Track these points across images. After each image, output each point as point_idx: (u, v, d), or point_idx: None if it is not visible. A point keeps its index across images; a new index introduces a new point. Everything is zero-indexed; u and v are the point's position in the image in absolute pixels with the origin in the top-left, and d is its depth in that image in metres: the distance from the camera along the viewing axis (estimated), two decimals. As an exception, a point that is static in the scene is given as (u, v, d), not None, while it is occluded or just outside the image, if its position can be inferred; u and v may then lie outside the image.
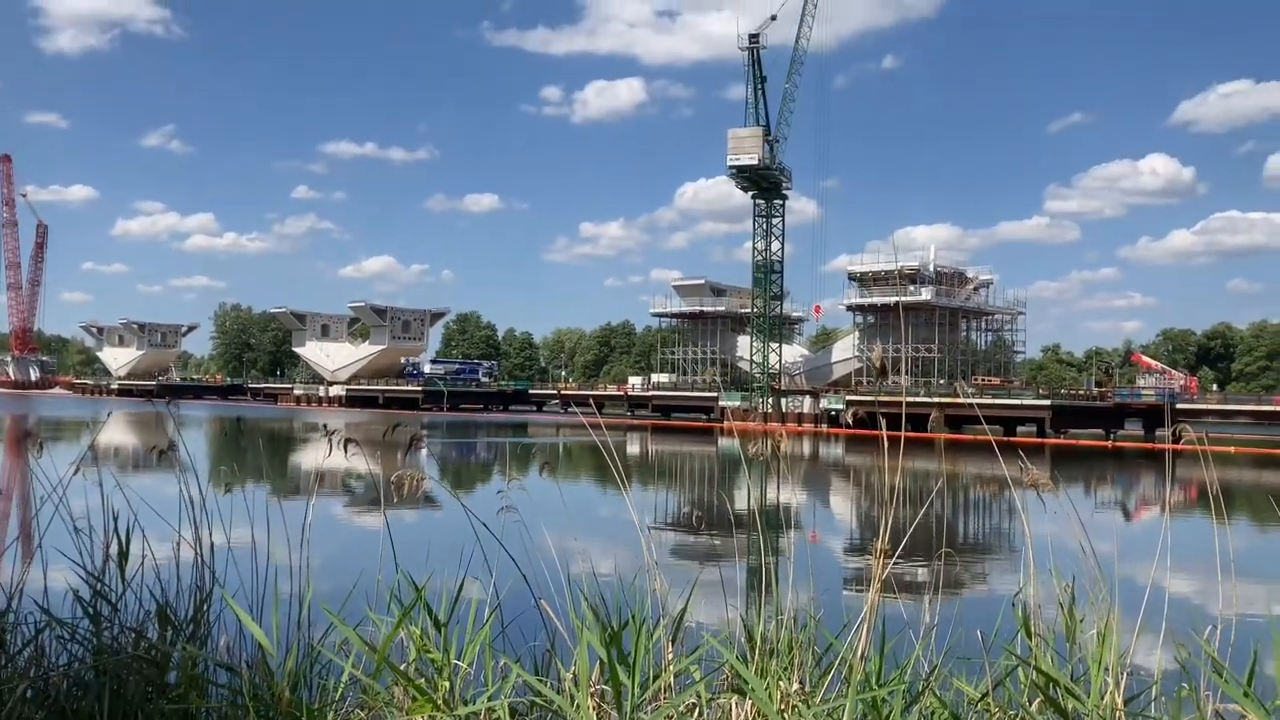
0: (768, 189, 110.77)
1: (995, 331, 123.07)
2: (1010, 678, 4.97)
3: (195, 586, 5.57)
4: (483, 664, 4.47)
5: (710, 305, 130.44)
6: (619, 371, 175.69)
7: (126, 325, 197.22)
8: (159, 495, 6.37)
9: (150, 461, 19.85)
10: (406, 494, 4.81)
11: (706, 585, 6.00)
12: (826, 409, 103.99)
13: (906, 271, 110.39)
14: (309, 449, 58.23)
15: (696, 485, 50.31)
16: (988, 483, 46.64)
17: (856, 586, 19.51)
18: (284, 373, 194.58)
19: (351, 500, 32.80)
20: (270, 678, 4.52)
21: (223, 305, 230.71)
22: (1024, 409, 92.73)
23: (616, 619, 4.97)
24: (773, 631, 5.22)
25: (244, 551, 5.81)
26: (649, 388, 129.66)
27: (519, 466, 51.12)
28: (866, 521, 36.14)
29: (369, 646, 4.08)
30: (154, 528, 5.91)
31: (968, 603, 14.01)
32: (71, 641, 4.99)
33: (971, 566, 24.94)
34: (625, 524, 12.23)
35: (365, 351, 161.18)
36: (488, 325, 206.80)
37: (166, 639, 5.25)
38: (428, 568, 5.53)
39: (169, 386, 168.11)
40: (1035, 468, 5.64)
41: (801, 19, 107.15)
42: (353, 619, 4.84)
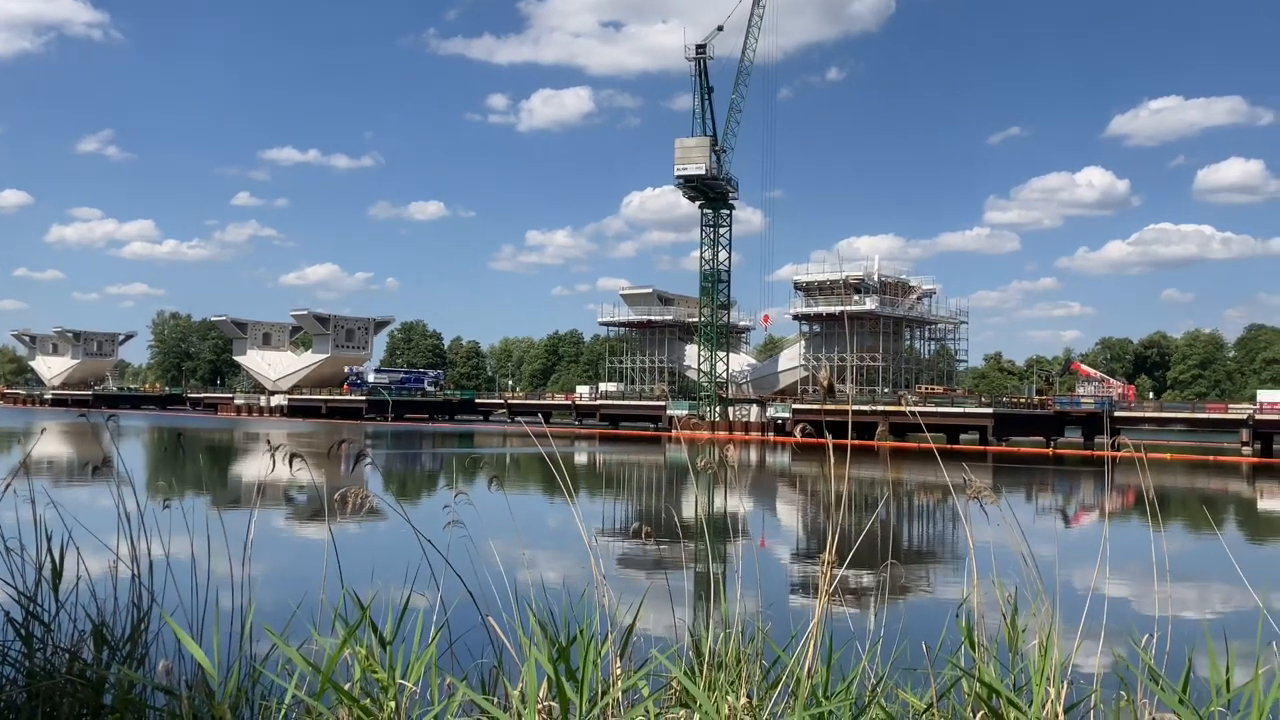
0: (715, 199, 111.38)
1: (938, 340, 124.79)
2: (955, 688, 5.03)
3: (133, 605, 5.44)
4: (429, 683, 4.42)
5: (658, 314, 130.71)
6: (567, 381, 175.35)
7: (61, 334, 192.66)
8: (94, 510, 6.22)
9: (85, 475, 19.32)
10: (350, 510, 4.74)
11: (655, 595, 5.99)
12: (773, 417, 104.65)
13: (851, 281, 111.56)
14: (250, 460, 57.29)
15: (645, 494, 50.31)
16: (931, 490, 47.23)
17: (804, 594, 19.63)
18: (224, 382, 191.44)
19: (294, 513, 32.33)
20: (210, 699, 4.42)
21: (161, 313, 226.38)
22: (967, 417, 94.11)
23: (565, 633, 4.95)
24: (720, 644, 5.23)
25: (183, 567, 5.68)
26: (597, 397, 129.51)
27: (466, 478, 50.73)
28: (813, 529, 36.39)
29: (313, 667, 4.01)
30: (89, 544, 5.76)
31: (913, 612, 14.20)
32: (2, 663, 4.85)
33: (917, 575, 25.22)
34: (573, 536, 12.23)
35: (308, 360, 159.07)
36: (434, 334, 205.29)
37: (102, 660, 5.12)
38: (373, 583, 5.45)
39: (105, 396, 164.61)
40: (978, 477, 5.72)
41: (748, 30, 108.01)
42: (295, 637, 4.76)
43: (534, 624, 4.77)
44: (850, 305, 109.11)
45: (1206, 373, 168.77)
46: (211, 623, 5.16)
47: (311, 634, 4.66)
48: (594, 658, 4.34)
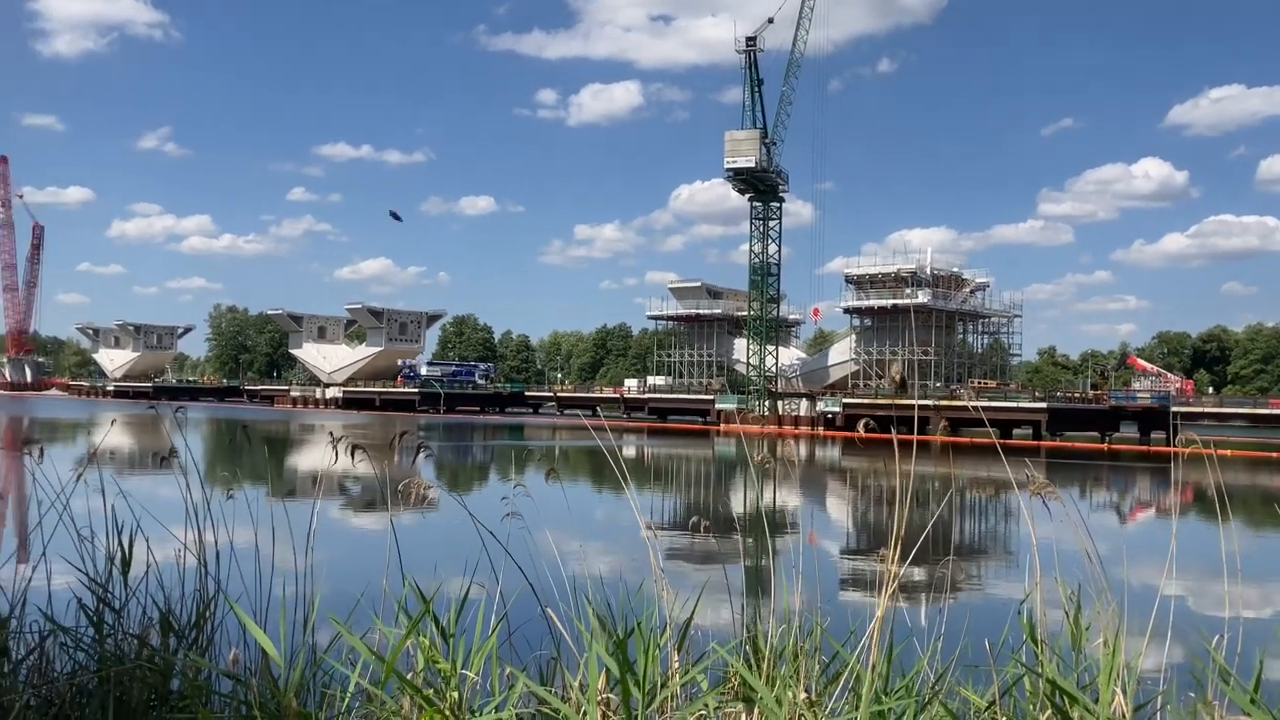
0: (764, 191, 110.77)
1: (991, 334, 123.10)
2: (1017, 686, 4.96)
3: (197, 592, 5.54)
4: (489, 673, 4.44)
5: (707, 308, 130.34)
6: (615, 374, 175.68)
7: (122, 327, 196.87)
8: (160, 499, 6.34)
9: (149, 464, 19.79)
10: (413, 501, 4.78)
11: (709, 588, 5.97)
12: (823, 411, 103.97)
13: (903, 274, 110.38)
14: (308, 452, 58.12)
15: (694, 488, 50.28)
16: (985, 486, 46.67)
17: (854, 589, 19.49)
18: (280, 374, 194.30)
19: (350, 503, 32.74)
20: (274, 686, 4.49)
21: (218, 307, 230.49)
22: (1020, 412, 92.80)
23: (622, 626, 4.95)
24: (778, 639, 5.20)
25: (246, 556, 5.77)
26: (645, 390, 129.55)
27: (518, 470, 51.05)
28: (864, 524, 36.12)
29: (377, 657, 4.06)
30: (156, 533, 5.88)
31: (971, 609, 14.00)
32: (75, 649, 4.96)
33: (973, 571, 24.92)
34: (627, 528, 12.11)
35: (362, 353, 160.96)
36: (484, 327, 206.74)
37: (169, 647, 5.22)
38: (432, 573, 5.50)
39: (165, 388, 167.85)
40: (1038, 473, 5.63)
41: (798, 22, 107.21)
42: (357, 626, 4.82)
43: (592, 616, 4.78)
44: (902, 299, 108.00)
45: (1269, 368, 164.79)
46: (273, 611, 5.24)
47: (375, 623, 4.70)
48: (653, 651, 4.33)
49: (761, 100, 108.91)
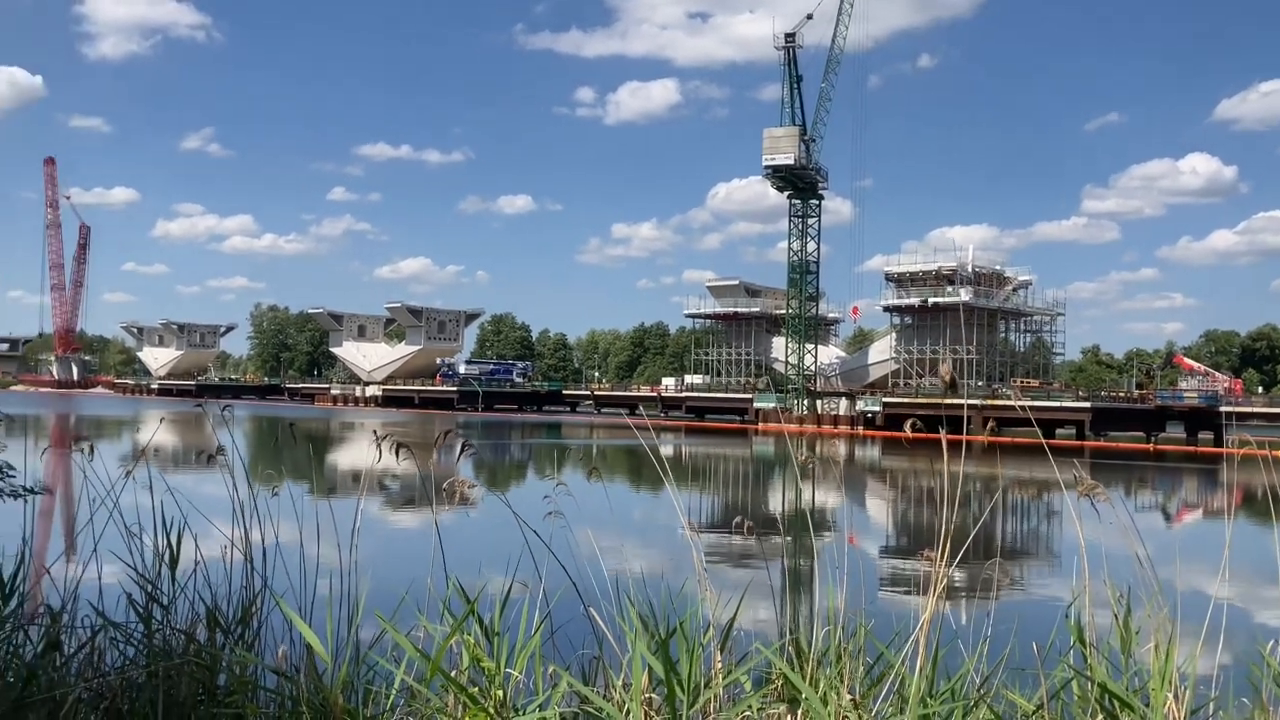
0: (803, 189, 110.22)
1: (1034, 333, 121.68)
2: (1065, 690, 4.88)
3: (243, 588, 5.60)
4: (532, 671, 4.45)
5: (745, 306, 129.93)
6: (653, 373, 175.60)
7: (166, 325, 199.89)
8: (207, 496, 6.42)
9: (196, 461, 20.02)
10: (458, 500, 4.79)
11: (748, 588, 5.94)
12: (863, 411, 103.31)
13: (944, 272, 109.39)
14: (348, 449, 58.69)
15: (733, 487, 50.17)
16: (1027, 486, 46.14)
17: (896, 590, 19.33)
18: (321, 373, 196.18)
19: (392, 501, 32.99)
20: (319, 681, 4.52)
21: (260, 306, 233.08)
22: (1063, 411, 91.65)
23: (664, 625, 4.94)
24: (820, 639, 5.16)
25: (290, 553, 5.83)
26: (683, 389, 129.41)
27: (556, 468, 51.21)
28: (905, 525, 35.87)
29: (422, 655, 4.07)
30: (203, 529, 5.95)
31: (1016, 611, 13.82)
32: (125, 644, 5.03)
33: (1018, 573, 24.65)
34: (667, 527, 11.90)
35: (401, 352, 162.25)
36: (522, 326, 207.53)
37: (216, 642, 5.28)
38: (475, 572, 5.52)
39: (207, 386, 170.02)
40: (1086, 474, 5.54)
41: (838, 18, 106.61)
42: (400, 622, 4.84)
43: (633, 615, 4.77)
44: (943, 296, 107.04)
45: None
46: (315, 606, 5.29)
47: (420, 621, 4.72)
48: (696, 651, 4.32)
49: (800, 97, 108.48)
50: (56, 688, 4.43)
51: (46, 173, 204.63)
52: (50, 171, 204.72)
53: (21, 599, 5.33)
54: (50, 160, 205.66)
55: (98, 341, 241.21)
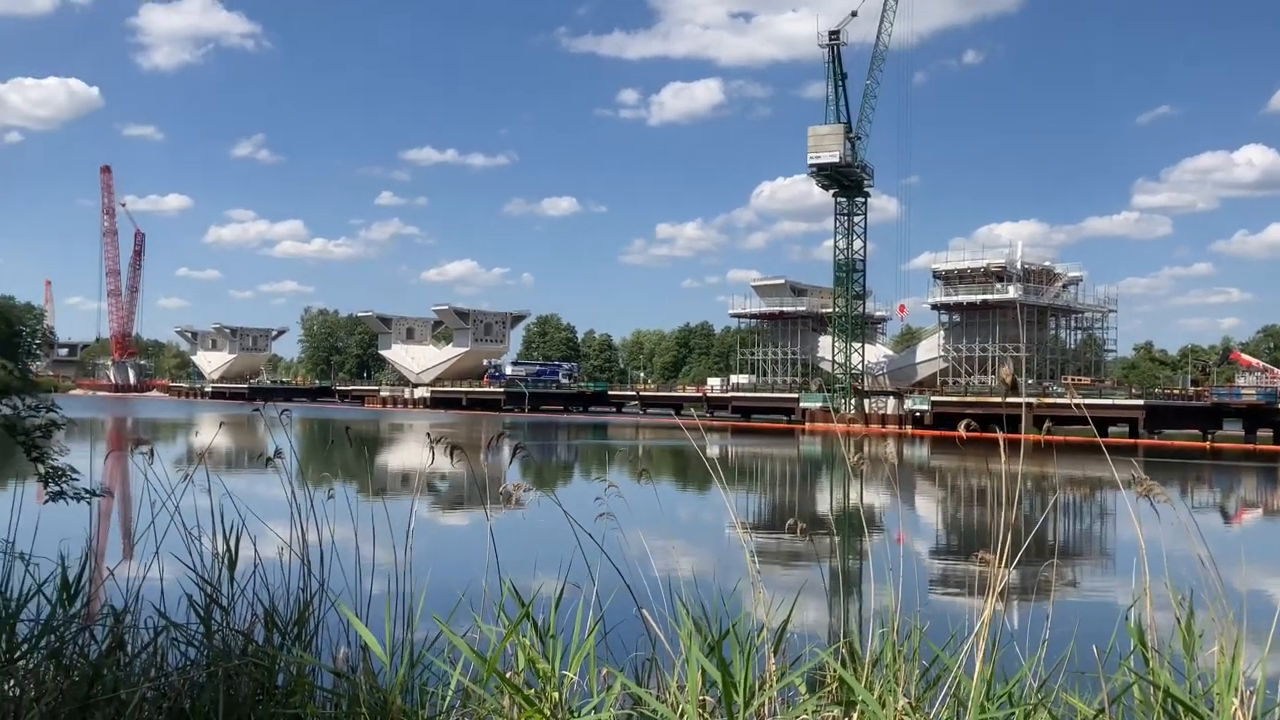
0: (849, 187, 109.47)
1: (1085, 330, 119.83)
2: (1126, 695, 4.79)
3: (300, 590, 5.67)
4: (587, 672, 4.46)
5: (790, 305, 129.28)
6: (698, 373, 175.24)
7: (219, 329, 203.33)
8: (261, 497, 6.51)
9: (251, 463, 20.12)
10: (513, 502, 4.82)
11: (802, 587, 5.90)
12: (911, 410, 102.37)
13: (993, 269, 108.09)
14: (398, 450, 59.27)
15: (781, 487, 49.95)
16: (1080, 485, 45.44)
17: (949, 591, 19.13)
18: (370, 375, 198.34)
19: (442, 501, 33.25)
20: (374, 680, 4.57)
21: (310, 309, 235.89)
22: (1116, 409, 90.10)
23: (716, 627, 4.93)
24: (875, 642, 5.12)
25: (344, 554, 5.89)
26: (728, 389, 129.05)
27: (601, 469, 51.34)
28: (956, 525, 35.48)
29: (479, 657, 4.10)
30: (260, 531, 6.04)
31: (1074, 613, 13.63)
32: (187, 645, 5.12)
33: (1073, 574, 24.28)
34: (716, 527, 11.65)
35: (449, 354, 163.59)
36: (567, 327, 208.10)
37: (273, 642, 5.36)
38: (527, 572, 5.54)
39: (260, 389, 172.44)
40: (1130, 472, 5.44)
41: (882, 15, 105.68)
42: (453, 623, 4.87)
43: (684, 616, 4.76)
44: (992, 294, 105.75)
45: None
46: (369, 607, 5.34)
47: (475, 622, 4.75)
48: (750, 653, 4.30)
49: (845, 95, 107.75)
50: (121, 687, 4.52)
51: (103, 181, 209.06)
52: (107, 180, 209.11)
53: (86, 600, 5.45)
54: (107, 169, 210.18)
55: (153, 346, 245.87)
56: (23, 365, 17.21)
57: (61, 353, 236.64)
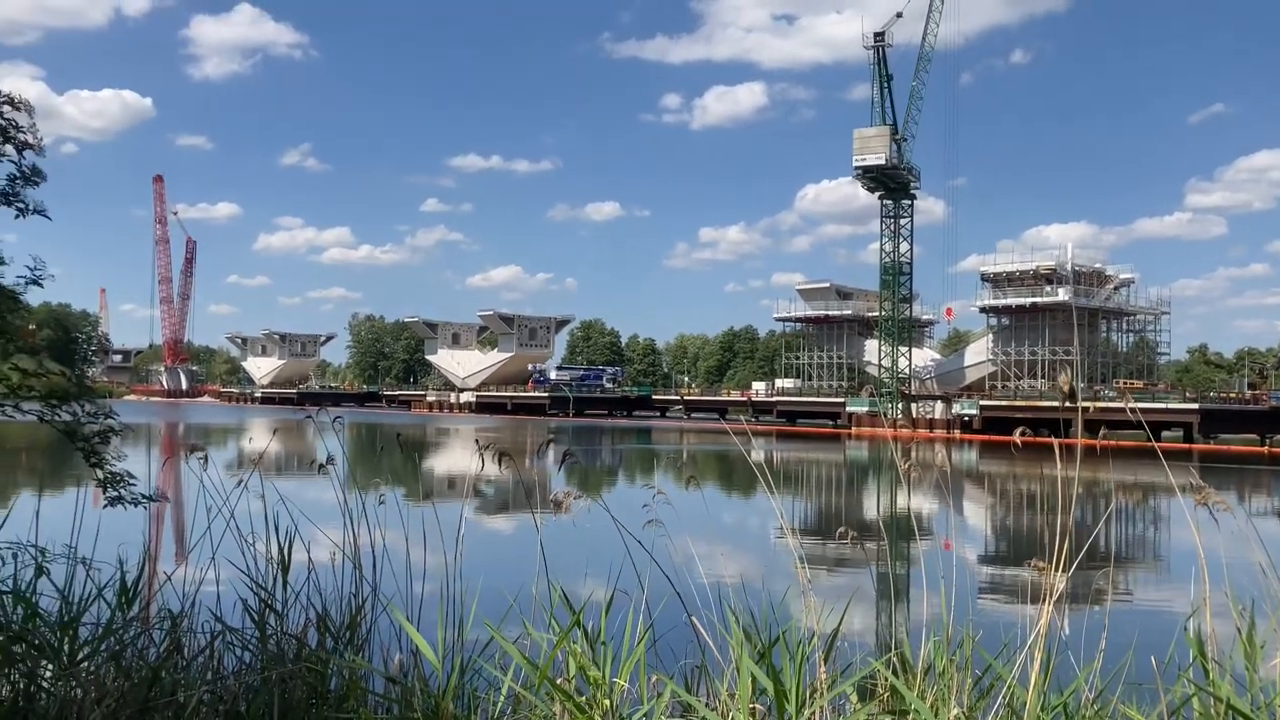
0: (895, 189, 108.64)
1: (1136, 332, 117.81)
2: (1185, 707, 4.70)
3: (352, 594, 5.73)
4: (636, 679, 4.46)
5: (836, 309, 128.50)
6: (742, 377, 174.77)
7: (268, 336, 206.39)
8: (310, 501, 6.59)
9: (300, 468, 20.36)
10: (564, 510, 4.84)
11: (848, 594, 5.85)
12: (959, 414, 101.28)
13: (1042, 271, 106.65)
14: (445, 455, 59.69)
15: (827, 492, 49.63)
16: (1132, 490, 44.66)
17: (998, 598, 18.87)
18: (416, 380, 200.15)
19: (488, 506, 33.44)
20: (426, 685, 4.60)
21: (358, 315, 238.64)
22: (1169, 413, 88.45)
23: (765, 634, 4.90)
24: (927, 650, 5.06)
25: (393, 558, 5.94)
26: (773, 393, 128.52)
27: (645, 473, 51.32)
28: (1005, 530, 35.02)
29: (531, 664, 4.11)
30: (312, 536, 6.11)
31: (1129, 622, 13.38)
32: (242, 649, 5.19)
33: (1127, 582, 23.87)
34: (762, 533, 11.57)
35: (494, 359, 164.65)
36: (611, 332, 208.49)
37: (326, 646, 5.41)
38: (574, 577, 5.55)
39: (308, 394, 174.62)
40: (1184, 477, 5.33)
41: (928, 16, 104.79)
42: (503, 628, 4.89)
43: (734, 624, 4.74)
44: (1041, 296, 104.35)
45: None
46: (419, 611, 5.38)
47: (526, 628, 4.77)
48: (801, 661, 4.27)
49: (891, 96, 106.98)
50: (179, 689, 4.59)
51: (155, 190, 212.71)
52: (159, 189, 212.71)
53: (144, 603, 5.54)
54: (159, 178, 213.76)
55: (204, 352, 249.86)
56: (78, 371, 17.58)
57: (116, 359, 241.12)
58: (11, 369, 6.96)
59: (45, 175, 6.71)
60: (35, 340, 9.23)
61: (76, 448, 6.99)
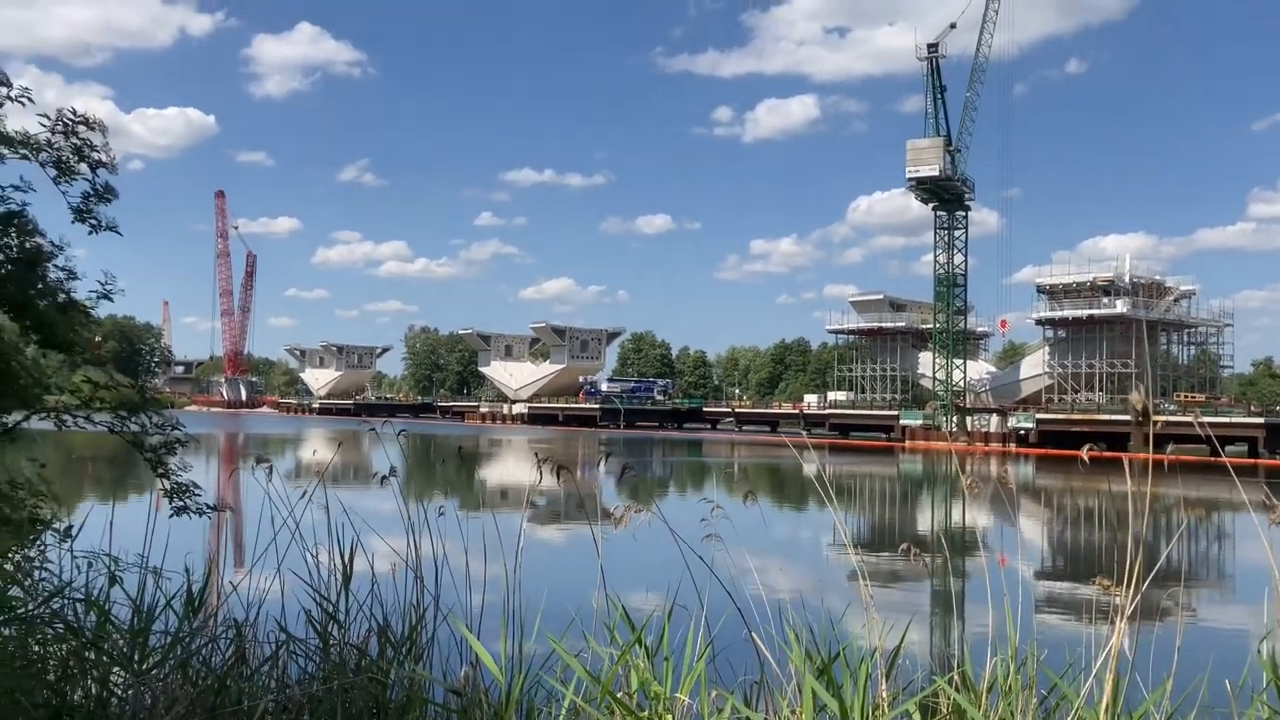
0: (949, 200, 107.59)
1: (1198, 345, 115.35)
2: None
3: (412, 605, 5.78)
4: (696, 693, 4.45)
5: (889, 321, 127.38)
6: (794, 389, 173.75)
7: (326, 348, 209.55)
8: (367, 510, 6.67)
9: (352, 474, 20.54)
10: (623, 525, 4.85)
11: (903, 609, 5.79)
12: (1015, 427, 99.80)
13: (1099, 283, 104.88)
14: (499, 466, 60.06)
15: (881, 506, 49.15)
16: (1194, 505, 43.62)
17: (1058, 614, 18.54)
18: (470, 391, 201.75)
19: (542, 516, 33.55)
20: (486, 697, 4.62)
21: (413, 327, 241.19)
22: (1233, 427, 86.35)
23: (826, 651, 4.86)
24: (991, 669, 4.98)
25: (451, 568, 5.98)
26: (826, 406, 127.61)
27: (709, 487, 51.19)
28: (1062, 545, 34.42)
29: (594, 678, 4.12)
30: (373, 547, 6.18)
31: (1200, 643, 13.07)
32: (305, 659, 5.25)
33: (1195, 601, 23.30)
34: (816, 546, 11.39)
35: (546, 370, 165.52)
36: (662, 344, 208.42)
37: (387, 657, 5.47)
38: (631, 589, 5.55)
39: (365, 405, 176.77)
40: (1248, 493, 5.20)
41: (982, 26, 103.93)
42: (562, 641, 4.90)
43: (793, 640, 4.71)
44: (1099, 308, 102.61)
45: None
46: (479, 622, 5.41)
47: (587, 641, 4.78)
48: (863, 678, 4.24)
49: (944, 107, 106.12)
50: (245, 698, 4.67)
51: (217, 205, 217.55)
52: (221, 204, 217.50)
53: (210, 612, 5.64)
54: (220, 193, 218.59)
55: (264, 363, 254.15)
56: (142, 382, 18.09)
57: (178, 370, 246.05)
58: (84, 381, 7.15)
59: (117, 193, 6.90)
60: (101, 352, 9.47)
61: (144, 458, 7.15)
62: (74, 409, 7.07)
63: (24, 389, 7.04)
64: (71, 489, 27.20)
